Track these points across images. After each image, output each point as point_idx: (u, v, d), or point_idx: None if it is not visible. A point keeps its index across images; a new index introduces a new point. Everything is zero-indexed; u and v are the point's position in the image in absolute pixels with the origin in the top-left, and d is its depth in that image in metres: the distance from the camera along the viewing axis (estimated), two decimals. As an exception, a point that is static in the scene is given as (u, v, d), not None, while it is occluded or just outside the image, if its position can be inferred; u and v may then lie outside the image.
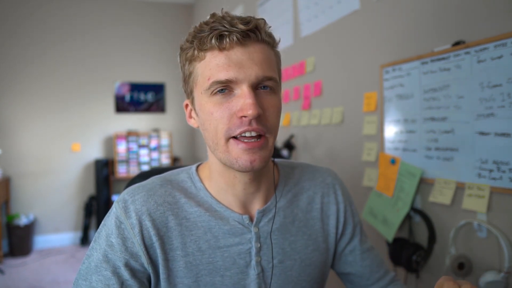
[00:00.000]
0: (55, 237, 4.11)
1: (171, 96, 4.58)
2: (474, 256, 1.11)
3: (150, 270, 0.68)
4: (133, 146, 4.28)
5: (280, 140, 2.31)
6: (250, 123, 0.61)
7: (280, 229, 0.76)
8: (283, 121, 2.31)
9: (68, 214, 4.18)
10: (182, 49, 0.68)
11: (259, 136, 0.64)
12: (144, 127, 4.48)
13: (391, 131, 1.42)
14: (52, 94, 4.09)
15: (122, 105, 4.39)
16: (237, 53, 0.61)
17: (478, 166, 1.08)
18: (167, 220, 0.69)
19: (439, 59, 1.20)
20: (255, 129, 0.62)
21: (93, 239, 0.70)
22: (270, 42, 0.67)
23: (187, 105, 0.73)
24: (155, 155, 4.36)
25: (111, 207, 0.71)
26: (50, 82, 4.08)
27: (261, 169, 0.67)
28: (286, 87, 2.29)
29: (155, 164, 4.36)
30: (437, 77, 1.21)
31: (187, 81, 0.69)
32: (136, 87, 4.43)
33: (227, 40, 0.61)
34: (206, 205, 0.72)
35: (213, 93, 0.63)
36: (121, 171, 4.22)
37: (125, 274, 0.66)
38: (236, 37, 0.61)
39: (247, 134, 0.62)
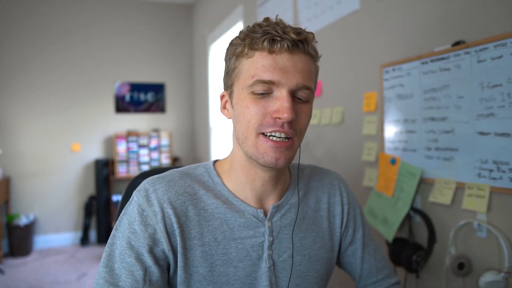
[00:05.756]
0: (55, 237, 4.11)
1: (171, 96, 4.58)
2: (474, 256, 1.11)
3: (171, 257, 0.70)
4: (133, 146, 4.28)
5: (280, 140, 2.30)
6: (282, 125, 0.66)
7: (291, 225, 0.79)
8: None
9: (68, 214, 4.18)
10: (232, 44, 0.72)
11: (287, 138, 0.68)
12: (144, 127, 4.48)
13: (391, 131, 1.42)
14: (52, 94, 4.09)
15: (122, 105, 4.39)
16: (284, 59, 0.66)
17: (478, 166, 1.08)
18: (187, 210, 0.72)
19: (439, 59, 1.20)
20: (286, 131, 0.66)
21: (114, 227, 0.72)
22: (314, 56, 0.71)
23: (223, 96, 0.76)
24: (155, 155, 4.36)
25: (131, 197, 0.73)
26: (50, 82, 4.08)
27: (284, 168, 0.71)
28: (286, 87, 2.29)
29: (155, 164, 4.36)
30: (437, 77, 1.21)
31: (230, 74, 0.72)
32: (136, 87, 4.43)
33: (278, 45, 0.65)
34: (223, 198, 0.75)
35: (254, 92, 0.67)
36: (121, 171, 4.22)
37: (149, 261, 0.68)
38: (287, 44, 0.65)
39: (277, 135, 0.66)
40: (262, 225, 0.75)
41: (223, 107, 0.76)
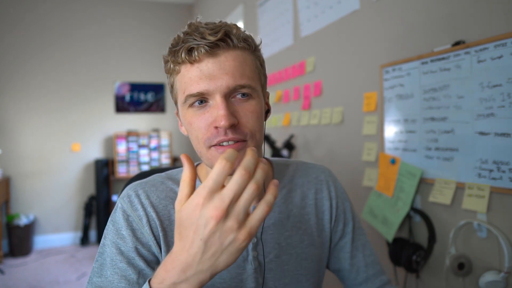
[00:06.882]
0: (55, 237, 4.11)
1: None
2: (474, 256, 1.11)
3: (161, 259, 0.70)
4: (133, 146, 4.28)
5: (280, 140, 2.31)
6: (225, 132, 0.63)
7: (276, 225, 0.77)
8: (283, 121, 2.31)
9: (68, 214, 4.18)
10: (164, 61, 0.70)
11: (237, 142, 0.65)
12: (144, 127, 4.48)
13: (391, 131, 1.42)
14: (52, 94, 4.09)
15: (122, 105, 4.39)
16: (208, 65, 0.63)
17: (478, 166, 1.08)
18: (170, 214, 0.72)
19: (439, 59, 1.20)
20: (231, 138, 0.64)
21: (103, 236, 0.71)
22: (246, 47, 0.66)
23: (177, 113, 0.75)
24: (155, 155, 4.36)
25: (116, 204, 0.73)
26: (50, 82, 4.08)
27: None
28: (286, 87, 2.29)
29: (155, 164, 4.36)
30: (437, 77, 1.21)
31: (171, 92, 0.71)
32: (136, 87, 4.43)
33: (196, 53, 0.62)
34: None
35: (191, 105, 0.65)
36: (121, 171, 4.22)
37: (140, 264, 0.67)
38: (205, 49, 0.62)
39: (225, 144, 0.64)
40: None
41: (180, 125, 0.74)
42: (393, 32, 1.42)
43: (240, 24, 3.02)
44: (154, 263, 0.70)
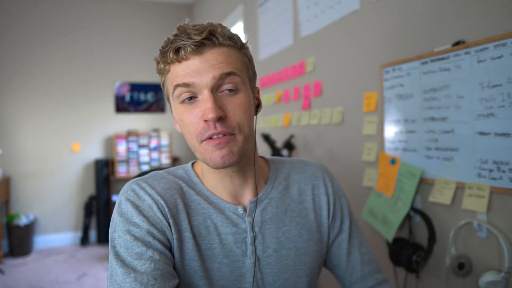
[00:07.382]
0: (55, 237, 4.11)
1: (171, 96, 4.58)
2: (474, 256, 1.11)
3: (173, 245, 0.70)
4: (133, 146, 4.28)
5: (280, 140, 2.31)
6: (215, 126, 0.66)
7: (273, 219, 0.78)
8: (283, 121, 2.31)
9: (68, 214, 4.18)
10: (156, 63, 0.74)
11: (226, 135, 0.67)
12: (144, 127, 4.48)
13: (391, 131, 1.42)
14: (52, 94, 4.09)
15: (122, 105, 4.39)
16: (195, 61, 0.66)
17: (478, 166, 1.08)
18: (176, 202, 0.72)
19: (439, 59, 1.20)
20: (220, 131, 0.66)
21: (110, 232, 0.69)
22: (232, 44, 0.69)
23: (171, 110, 0.77)
24: (155, 155, 4.37)
25: (118, 200, 0.72)
26: (50, 82, 4.08)
27: (234, 164, 0.69)
28: (286, 87, 2.29)
29: (155, 164, 4.36)
30: (437, 77, 1.21)
31: (164, 90, 0.76)
32: (136, 87, 4.43)
33: (183, 52, 0.66)
34: (203, 196, 0.76)
35: (182, 101, 0.68)
36: (121, 171, 4.22)
37: (159, 246, 0.67)
38: (191, 48, 0.65)
39: (215, 137, 0.67)
40: (243, 221, 0.75)
41: (175, 122, 0.76)
42: (393, 32, 1.42)
43: (240, 24, 3.02)
44: (169, 249, 0.69)
